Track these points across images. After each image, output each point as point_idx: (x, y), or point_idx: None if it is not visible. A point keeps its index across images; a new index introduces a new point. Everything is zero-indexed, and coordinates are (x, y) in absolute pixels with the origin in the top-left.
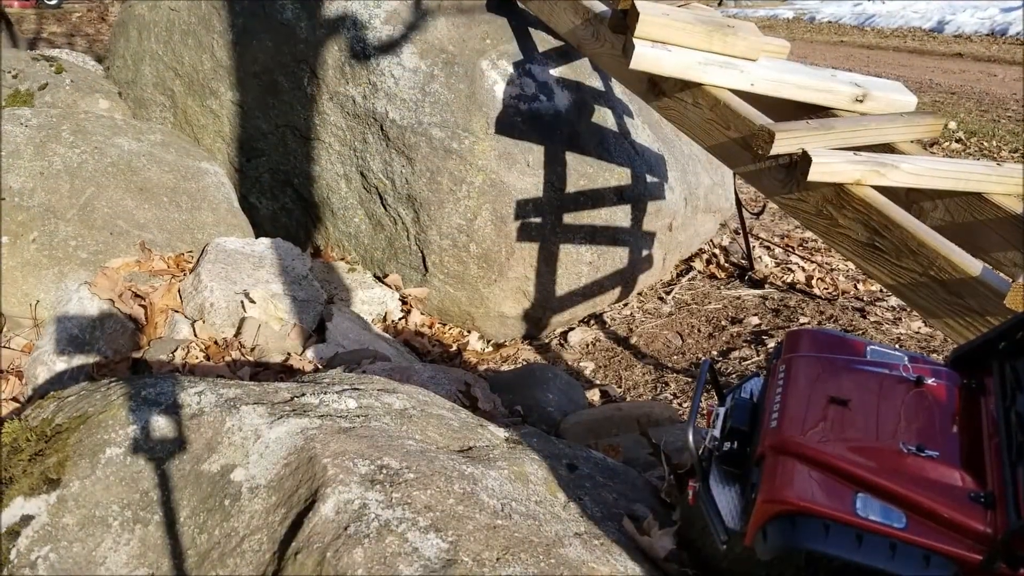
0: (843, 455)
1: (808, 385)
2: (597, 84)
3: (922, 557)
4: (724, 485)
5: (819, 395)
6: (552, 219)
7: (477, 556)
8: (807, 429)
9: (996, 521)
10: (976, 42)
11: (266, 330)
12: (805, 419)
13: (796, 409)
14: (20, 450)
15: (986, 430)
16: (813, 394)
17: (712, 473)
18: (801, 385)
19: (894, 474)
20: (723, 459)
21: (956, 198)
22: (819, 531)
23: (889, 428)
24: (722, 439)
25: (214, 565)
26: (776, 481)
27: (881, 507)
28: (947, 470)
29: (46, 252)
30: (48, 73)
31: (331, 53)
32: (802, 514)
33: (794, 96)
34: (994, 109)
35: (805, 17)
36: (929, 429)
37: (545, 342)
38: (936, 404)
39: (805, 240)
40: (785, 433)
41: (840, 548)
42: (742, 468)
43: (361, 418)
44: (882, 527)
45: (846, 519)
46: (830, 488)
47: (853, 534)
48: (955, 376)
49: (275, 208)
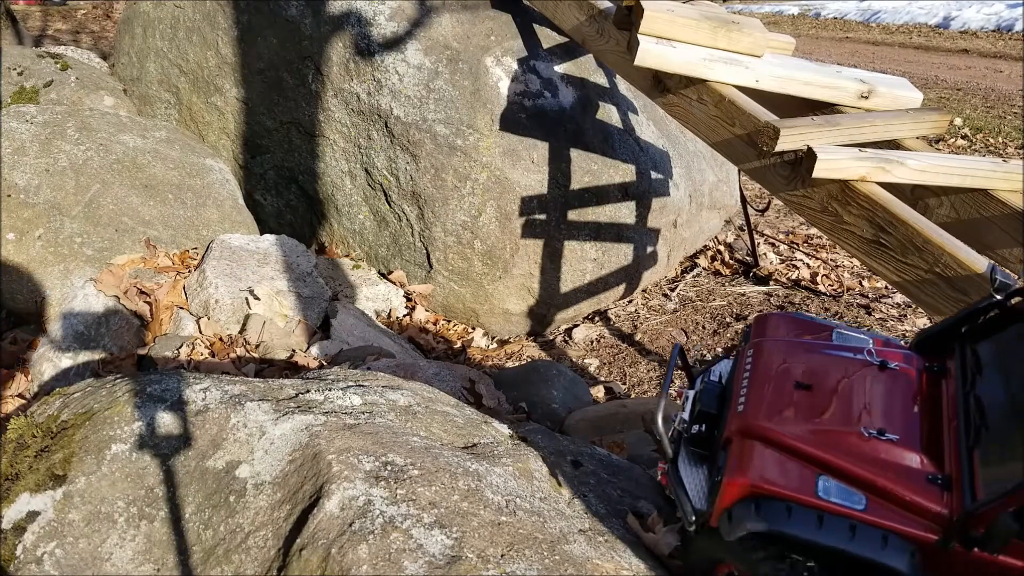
0: (806, 439)
1: (774, 370)
2: (602, 81)
3: (880, 537)
4: (693, 467)
5: (784, 380)
6: (557, 216)
7: (482, 552)
8: (772, 413)
9: (952, 503)
10: (982, 38)
11: (271, 327)
12: (770, 404)
13: (762, 394)
14: (26, 446)
15: (946, 413)
16: (778, 379)
17: (681, 455)
18: (767, 370)
19: (855, 458)
20: (692, 441)
21: (962, 195)
22: (782, 513)
23: (852, 412)
24: (691, 422)
25: (219, 561)
26: (741, 464)
27: (842, 489)
28: (907, 453)
29: (51, 249)
30: (53, 70)
31: (335, 50)
32: (765, 496)
33: (799, 92)
34: (1000, 105)
35: (810, 13)
36: (891, 413)
37: (549, 339)
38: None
39: (810, 237)
40: (750, 417)
41: (802, 529)
42: (710, 450)
43: (366, 415)
44: (842, 508)
45: (808, 501)
46: (793, 471)
47: (814, 515)
48: (919, 360)
49: (280, 205)
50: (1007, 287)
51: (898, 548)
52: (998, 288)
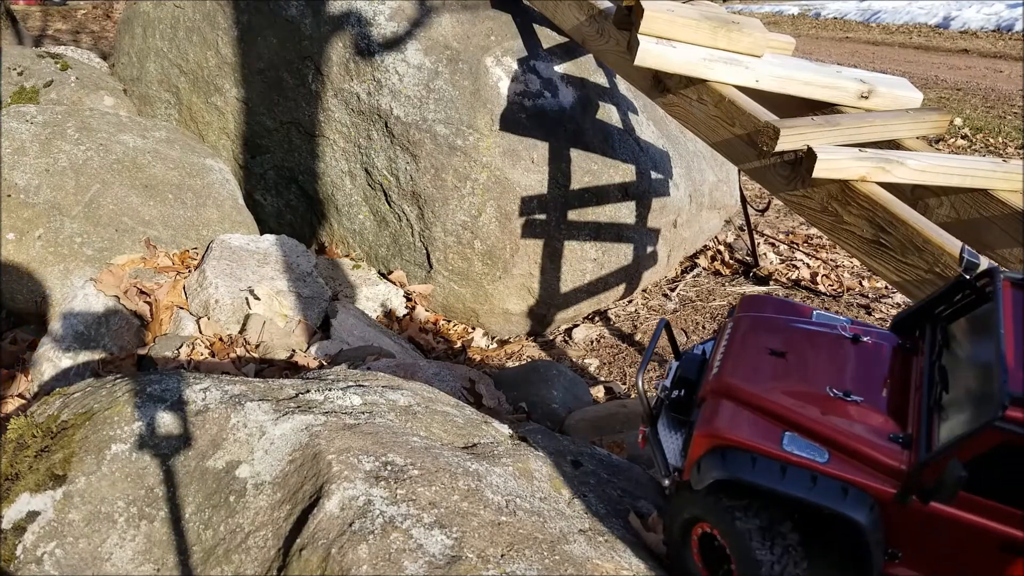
0: (774, 398)
1: (751, 339)
2: (602, 81)
3: (840, 489)
4: (672, 431)
5: (760, 348)
6: (557, 216)
7: (482, 552)
8: (744, 375)
9: (911, 459)
10: (982, 38)
11: (271, 327)
12: (744, 367)
13: (737, 359)
14: (26, 446)
15: (914, 383)
16: (755, 347)
17: (662, 420)
18: (745, 339)
19: (819, 415)
20: (672, 407)
21: (962, 194)
22: (746, 463)
23: (820, 376)
24: (671, 387)
25: (219, 561)
26: (711, 419)
27: (806, 444)
28: (870, 414)
29: (51, 249)
30: (53, 70)
31: (336, 50)
32: (732, 448)
33: (799, 92)
34: (1000, 105)
35: (810, 13)
36: (858, 379)
37: (550, 339)
38: (868, 359)
39: (810, 237)
40: (724, 378)
41: (765, 478)
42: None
43: (366, 415)
44: (805, 461)
45: (772, 452)
46: (760, 426)
47: (778, 466)
48: (893, 338)
49: (280, 205)
50: (974, 266)
51: (857, 500)
52: (966, 268)
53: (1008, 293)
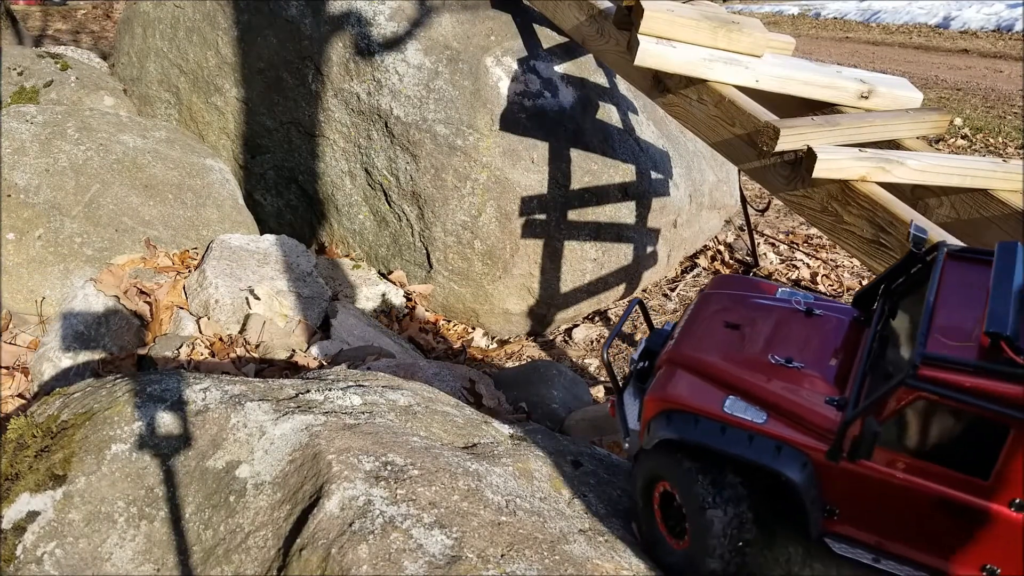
0: (719, 365)
1: (710, 313)
2: (602, 81)
3: (774, 447)
4: (635, 399)
5: (717, 321)
6: (557, 216)
7: (482, 552)
8: (696, 345)
9: None
10: (982, 38)
11: (271, 327)
12: (698, 338)
13: (693, 331)
14: (26, 446)
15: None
16: (712, 320)
17: (629, 389)
18: (704, 313)
19: (761, 381)
20: (638, 377)
21: (962, 194)
22: (690, 423)
23: (765, 345)
24: (638, 359)
25: (219, 561)
26: (662, 385)
27: (746, 406)
28: (811, 379)
29: (51, 249)
30: (53, 70)
31: (336, 50)
32: (678, 410)
33: (799, 92)
34: (1000, 105)
35: (810, 13)
36: (803, 347)
37: (549, 339)
38: (818, 329)
39: (810, 237)
40: (677, 348)
41: (706, 437)
42: None
43: (366, 415)
44: (743, 422)
45: (713, 414)
46: (705, 391)
47: (718, 427)
48: (850, 311)
49: (280, 205)
50: (921, 240)
51: (791, 458)
52: (914, 242)
53: (946, 264)
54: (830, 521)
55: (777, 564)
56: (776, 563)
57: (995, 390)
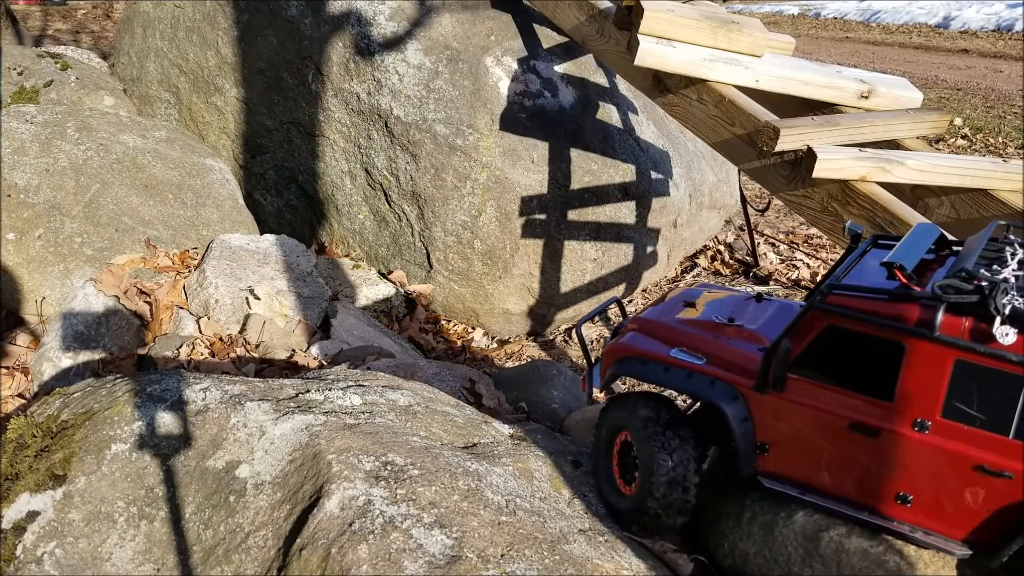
0: (671, 325)
1: (674, 297)
2: (602, 80)
3: (709, 382)
4: None
5: (677, 301)
6: (557, 216)
7: (482, 552)
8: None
9: None
10: (982, 38)
11: (271, 327)
12: (657, 311)
13: (655, 307)
14: (26, 446)
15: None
16: (673, 301)
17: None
18: (669, 297)
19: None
20: None
21: (962, 194)
22: (639, 364)
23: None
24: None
25: (219, 561)
26: (619, 340)
27: (688, 353)
28: (747, 333)
29: (51, 248)
30: (53, 70)
31: (336, 50)
32: (629, 357)
33: (799, 92)
34: (1000, 105)
35: (810, 13)
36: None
37: (549, 339)
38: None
39: (810, 237)
40: (637, 317)
41: (652, 374)
42: None
43: (366, 414)
44: (683, 363)
45: (660, 357)
46: (656, 344)
47: (662, 367)
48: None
49: (280, 205)
50: (857, 234)
51: (723, 391)
52: (850, 235)
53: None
54: (763, 458)
55: (777, 564)
56: (776, 563)
57: (891, 312)
